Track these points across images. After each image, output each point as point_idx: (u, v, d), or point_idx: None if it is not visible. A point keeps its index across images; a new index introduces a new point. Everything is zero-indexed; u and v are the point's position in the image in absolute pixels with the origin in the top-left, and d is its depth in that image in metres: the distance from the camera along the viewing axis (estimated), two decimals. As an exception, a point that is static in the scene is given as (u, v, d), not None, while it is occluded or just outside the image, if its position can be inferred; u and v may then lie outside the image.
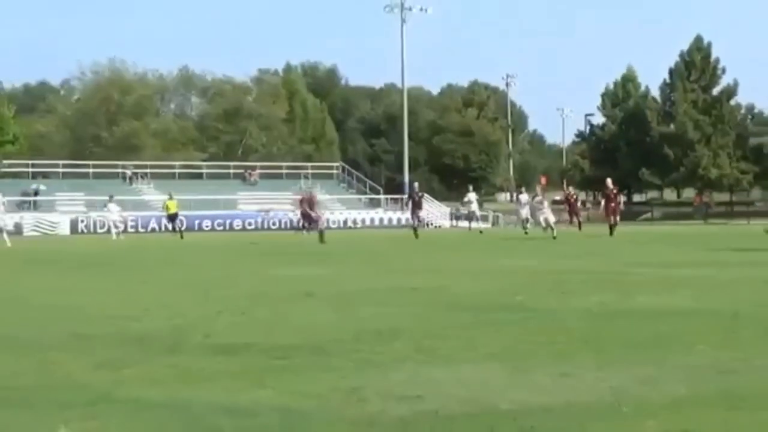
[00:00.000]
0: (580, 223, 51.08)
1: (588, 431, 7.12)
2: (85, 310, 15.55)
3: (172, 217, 55.17)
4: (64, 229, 60.57)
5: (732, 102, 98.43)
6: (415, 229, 44.90)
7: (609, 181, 46.87)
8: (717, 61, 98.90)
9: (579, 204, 55.71)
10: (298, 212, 47.49)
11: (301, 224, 47.95)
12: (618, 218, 43.54)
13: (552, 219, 46.73)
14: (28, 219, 60.54)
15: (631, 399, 8.21)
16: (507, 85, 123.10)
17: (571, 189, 58.03)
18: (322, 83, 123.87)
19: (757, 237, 39.73)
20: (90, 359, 10.48)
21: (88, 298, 17.97)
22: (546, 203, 50.35)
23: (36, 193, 66.68)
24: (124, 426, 7.35)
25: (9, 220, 44.17)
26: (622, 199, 48.17)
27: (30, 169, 73.82)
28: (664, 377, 9.22)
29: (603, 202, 45.19)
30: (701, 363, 10.04)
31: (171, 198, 56.49)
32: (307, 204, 43.99)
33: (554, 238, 42.35)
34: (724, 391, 8.56)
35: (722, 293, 17.33)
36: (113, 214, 54.15)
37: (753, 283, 19.10)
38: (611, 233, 42.01)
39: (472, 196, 55.91)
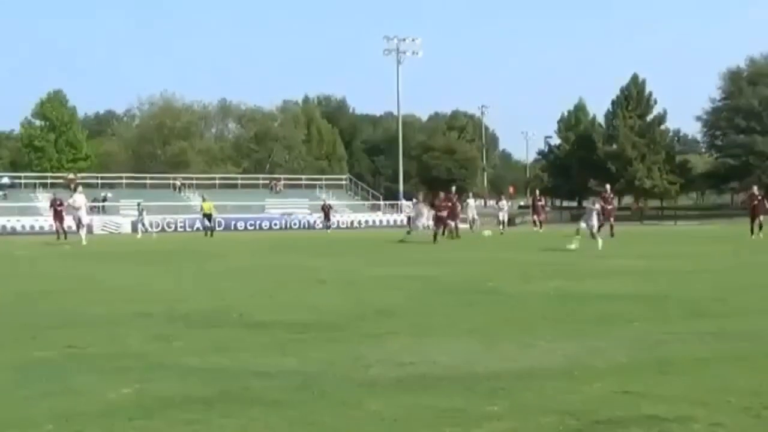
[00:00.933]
0: (541, 223, 50.99)
1: (546, 390, 7.10)
2: (143, 294, 15.57)
3: (207, 217, 52.79)
4: (126, 229, 60.69)
5: (662, 127, 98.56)
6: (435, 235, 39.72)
7: (608, 187, 45.40)
8: (650, 94, 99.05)
9: (542, 208, 55.32)
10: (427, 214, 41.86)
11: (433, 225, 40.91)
12: (612, 220, 41.09)
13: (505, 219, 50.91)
14: (97, 221, 60.83)
15: (581, 365, 8.20)
16: (482, 112, 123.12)
17: (537, 193, 57.67)
18: (333, 111, 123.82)
19: (683, 236, 39.69)
20: (146, 333, 10.49)
21: (146, 284, 17.98)
22: (506, 206, 51.23)
23: (104, 200, 66.80)
24: (173, 387, 7.34)
25: (88, 220, 44.33)
26: (615, 203, 46.27)
27: (99, 181, 74.01)
28: (608, 347, 9.21)
29: (600, 207, 42.08)
30: (638, 336, 10.03)
31: (205, 200, 54.66)
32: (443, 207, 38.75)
33: (501, 233, 43.62)
34: (657, 358, 8.55)
35: (655, 280, 17.32)
36: (144, 217, 54.90)
37: (680, 273, 19.10)
38: (611, 234, 38.23)
39: (471, 202, 55.75)
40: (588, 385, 7.27)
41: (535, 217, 52.32)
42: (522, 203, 77.30)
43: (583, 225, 28.82)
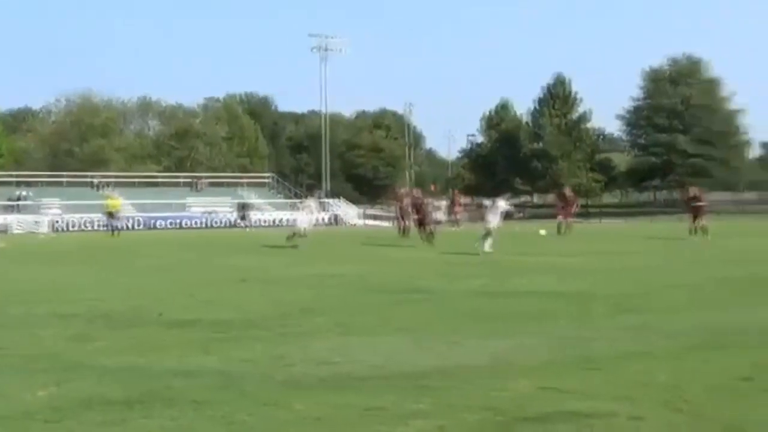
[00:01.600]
0: (458, 221, 50.83)
1: (472, 388, 7.15)
2: (62, 294, 15.32)
3: (110, 215, 47.68)
4: (44, 228, 59.65)
5: (586, 125, 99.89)
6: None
7: (568, 189, 45.29)
8: (575, 93, 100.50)
9: (460, 206, 55.11)
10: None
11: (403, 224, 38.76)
12: (570, 219, 40.76)
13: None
14: (13, 220, 59.72)
15: (507, 362, 8.28)
16: (407, 111, 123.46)
17: (455, 191, 57.49)
18: (256, 109, 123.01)
19: (608, 233, 40.28)
20: (65, 333, 10.34)
21: (63, 283, 17.69)
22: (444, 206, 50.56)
23: (19, 199, 65.52)
24: (91, 388, 7.24)
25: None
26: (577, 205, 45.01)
27: (15, 179, 72.62)
28: (534, 345, 9.32)
29: (561, 206, 41.69)
30: (563, 333, 10.16)
31: (109, 197, 50.00)
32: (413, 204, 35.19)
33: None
34: (581, 355, 8.67)
35: (581, 278, 17.54)
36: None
37: (605, 271, 19.36)
38: (558, 231, 38.31)
39: (501, 203, 53.41)
40: (513, 382, 7.34)
41: (453, 216, 52.40)
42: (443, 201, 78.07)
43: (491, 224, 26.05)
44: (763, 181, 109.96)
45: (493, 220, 26.22)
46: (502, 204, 27.67)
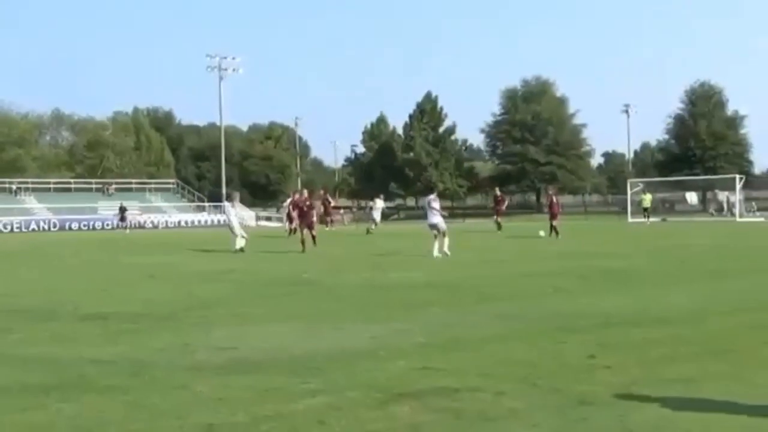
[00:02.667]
0: (332, 221, 50.20)
1: (356, 368, 7.17)
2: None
3: None
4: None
5: (452, 137, 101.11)
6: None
7: (497, 189, 46.10)
8: (442, 109, 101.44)
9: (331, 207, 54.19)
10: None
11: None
12: (500, 218, 41.16)
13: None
14: None
15: (386, 345, 8.32)
16: (296, 124, 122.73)
17: (327, 195, 56.60)
18: (161, 121, 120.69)
19: (471, 232, 40.80)
20: (-16, 327, 9.99)
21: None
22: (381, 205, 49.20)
23: None
24: (11, 376, 7.02)
25: None
26: (506, 203, 45.48)
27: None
28: (410, 329, 9.38)
29: (494, 205, 42.87)
30: (435, 320, 10.26)
31: None
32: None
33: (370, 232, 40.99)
34: (450, 338, 8.77)
35: (448, 270, 17.73)
36: None
37: (469, 264, 19.62)
38: (499, 228, 38.96)
39: (379, 202, 51.19)
40: (392, 362, 7.39)
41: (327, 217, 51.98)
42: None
43: (435, 227, 22.18)
44: (604, 186, 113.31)
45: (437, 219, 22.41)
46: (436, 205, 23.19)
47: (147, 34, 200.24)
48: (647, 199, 54.61)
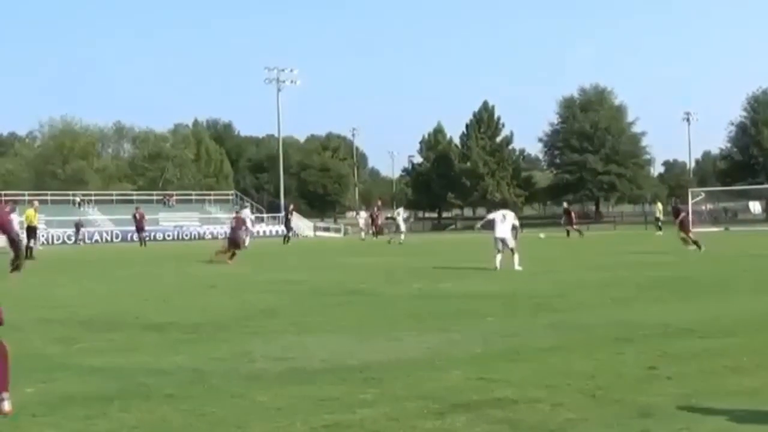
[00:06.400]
0: (378, 232, 50.20)
1: (413, 378, 7.16)
2: (46, 301, 15.06)
3: (30, 230, 33.51)
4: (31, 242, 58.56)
5: (510, 147, 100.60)
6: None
7: (565, 204, 48.63)
8: (499, 118, 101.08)
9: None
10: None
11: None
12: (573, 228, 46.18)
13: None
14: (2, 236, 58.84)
15: (442, 355, 8.30)
16: (353, 134, 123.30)
17: (375, 208, 56.28)
18: (220, 133, 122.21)
19: (528, 241, 40.56)
20: (49, 336, 10.17)
21: (49, 291, 17.38)
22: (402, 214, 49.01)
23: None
24: (75, 385, 7.14)
25: None
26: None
27: (2, 198, 71.47)
28: (465, 340, 9.35)
29: (565, 217, 46.98)
30: (491, 329, 10.21)
31: (32, 209, 35.21)
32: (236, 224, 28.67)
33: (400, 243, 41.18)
34: (507, 348, 8.72)
35: (503, 280, 17.64)
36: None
37: (525, 273, 19.46)
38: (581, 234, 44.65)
39: (401, 210, 50.78)
40: (448, 373, 7.36)
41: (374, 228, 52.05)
42: (388, 215, 77.95)
43: (501, 244, 21.14)
44: (664, 195, 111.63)
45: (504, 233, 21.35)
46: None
47: (207, 48, 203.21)
48: (659, 208, 54.82)
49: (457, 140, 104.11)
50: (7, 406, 5.97)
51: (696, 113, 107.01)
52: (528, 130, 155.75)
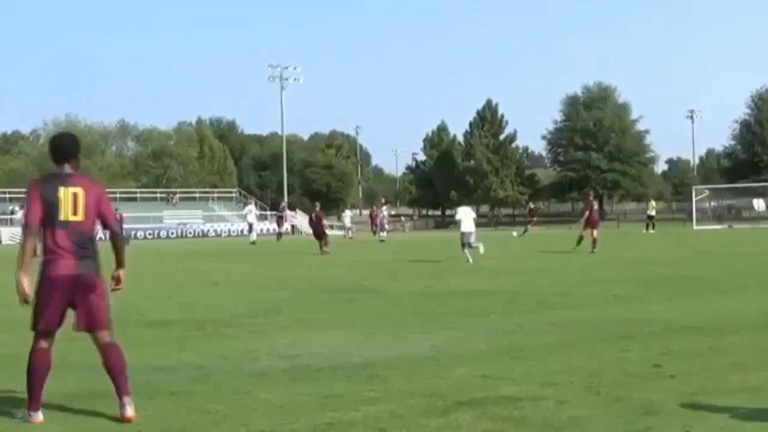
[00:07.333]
0: (384, 229, 50.03)
1: (417, 375, 7.17)
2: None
3: None
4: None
5: (513, 144, 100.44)
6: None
7: (592, 197, 45.44)
8: (502, 116, 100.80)
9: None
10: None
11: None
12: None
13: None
14: (7, 232, 58.93)
15: (446, 353, 8.31)
16: (357, 132, 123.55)
17: (374, 207, 56.12)
18: (224, 131, 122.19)
19: (532, 239, 40.56)
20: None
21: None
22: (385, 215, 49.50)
23: (12, 213, 64.57)
24: (81, 382, 7.18)
25: None
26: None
27: (6, 195, 71.61)
28: (469, 337, 9.36)
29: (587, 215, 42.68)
30: (494, 327, 10.22)
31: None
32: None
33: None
34: (509, 346, 8.72)
35: (506, 278, 17.65)
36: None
37: (527, 272, 19.49)
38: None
39: (384, 209, 51.18)
40: (452, 370, 7.37)
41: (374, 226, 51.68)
42: (393, 212, 77.84)
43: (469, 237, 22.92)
44: (668, 193, 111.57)
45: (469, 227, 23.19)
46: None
47: (211, 46, 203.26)
48: (653, 206, 55.13)
49: (460, 138, 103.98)
50: (129, 411, 5.89)
51: (700, 111, 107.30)
52: (532, 128, 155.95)
